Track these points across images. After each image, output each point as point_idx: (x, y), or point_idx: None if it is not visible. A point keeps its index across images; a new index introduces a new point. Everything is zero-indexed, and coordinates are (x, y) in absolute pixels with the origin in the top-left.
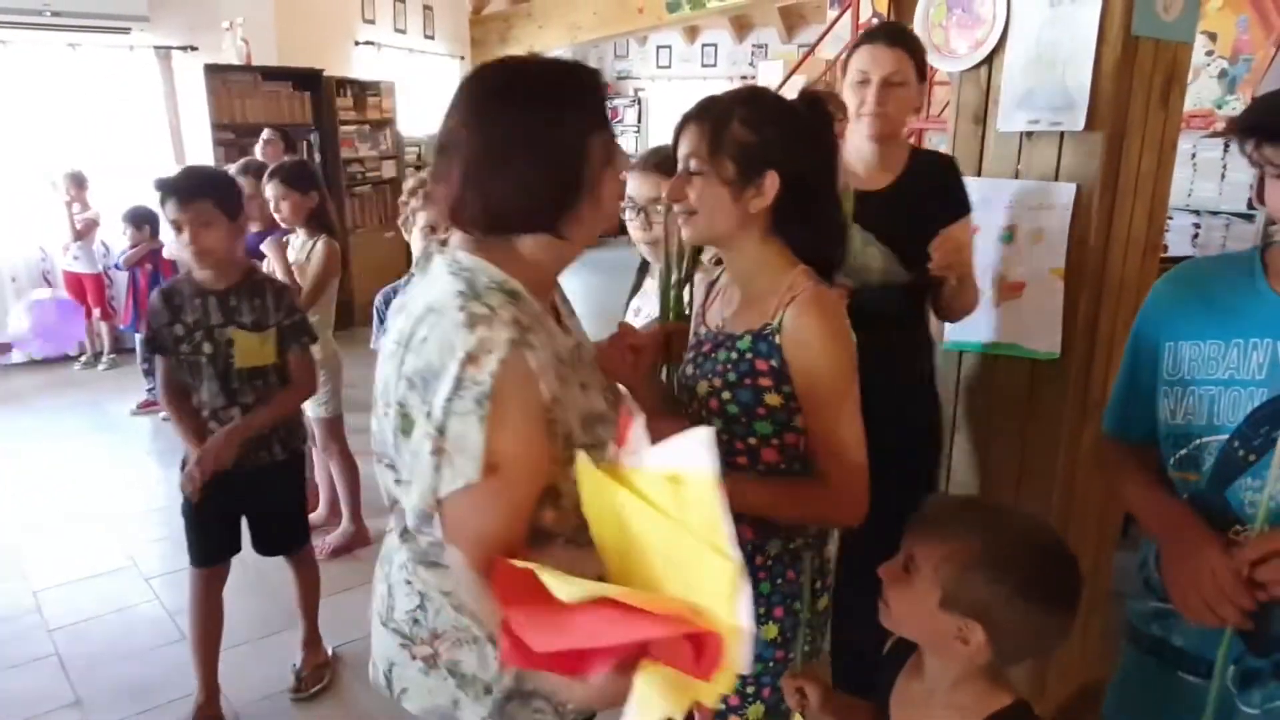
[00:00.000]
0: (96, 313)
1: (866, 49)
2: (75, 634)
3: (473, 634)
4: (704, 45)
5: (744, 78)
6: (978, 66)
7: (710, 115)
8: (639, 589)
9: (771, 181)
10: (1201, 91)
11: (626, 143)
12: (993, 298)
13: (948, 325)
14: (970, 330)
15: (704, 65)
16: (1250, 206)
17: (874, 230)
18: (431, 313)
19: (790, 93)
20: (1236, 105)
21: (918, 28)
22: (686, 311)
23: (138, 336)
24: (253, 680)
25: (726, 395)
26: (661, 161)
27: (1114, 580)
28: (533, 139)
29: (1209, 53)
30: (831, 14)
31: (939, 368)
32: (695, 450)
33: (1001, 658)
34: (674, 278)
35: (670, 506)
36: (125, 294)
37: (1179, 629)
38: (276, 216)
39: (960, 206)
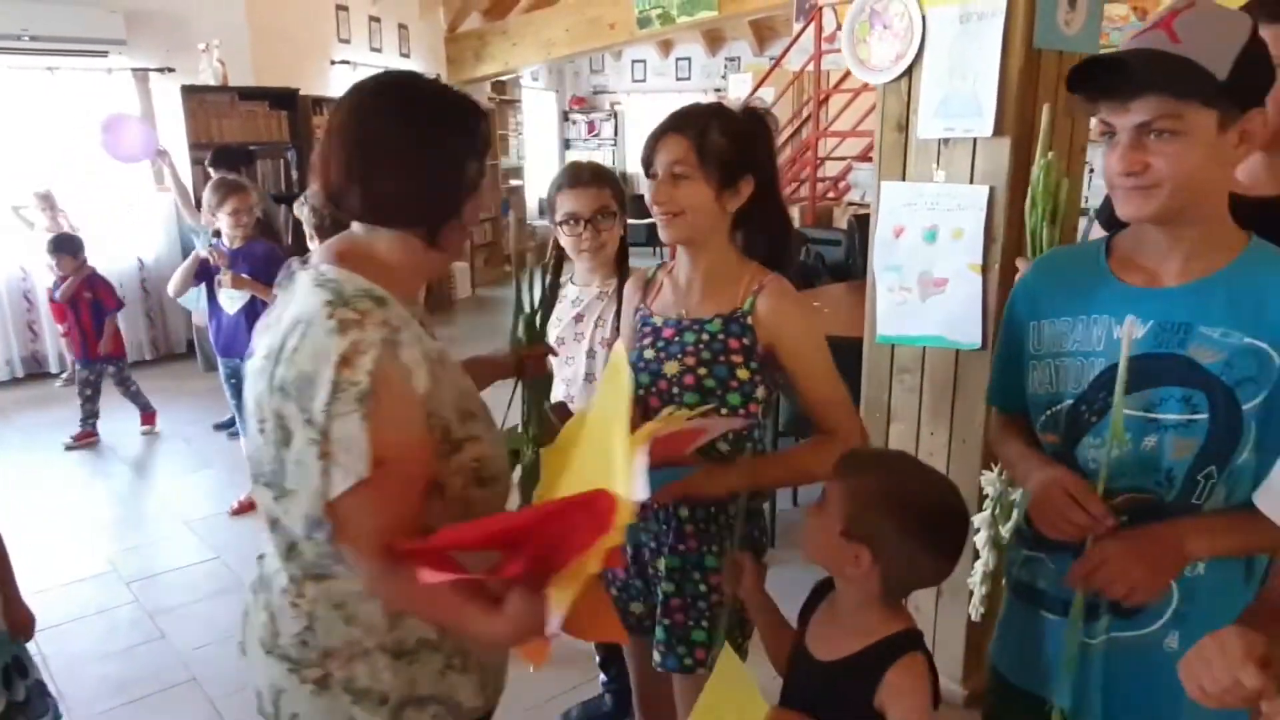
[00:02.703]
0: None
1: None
2: (58, 635)
3: (363, 646)
4: (678, 59)
5: (717, 90)
6: (899, 78)
7: (692, 127)
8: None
9: (747, 184)
10: None
11: (604, 156)
12: (918, 293)
13: (880, 319)
14: (901, 324)
15: (678, 79)
16: None
17: None
18: (300, 323)
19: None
20: None
21: (844, 42)
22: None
23: (78, 366)
24: (228, 673)
25: (703, 371)
26: (594, 176)
27: None
28: (426, 140)
29: None
30: (797, 27)
31: (873, 360)
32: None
33: (888, 585)
34: (530, 306)
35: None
36: (72, 327)
37: (1041, 573)
38: None
39: None
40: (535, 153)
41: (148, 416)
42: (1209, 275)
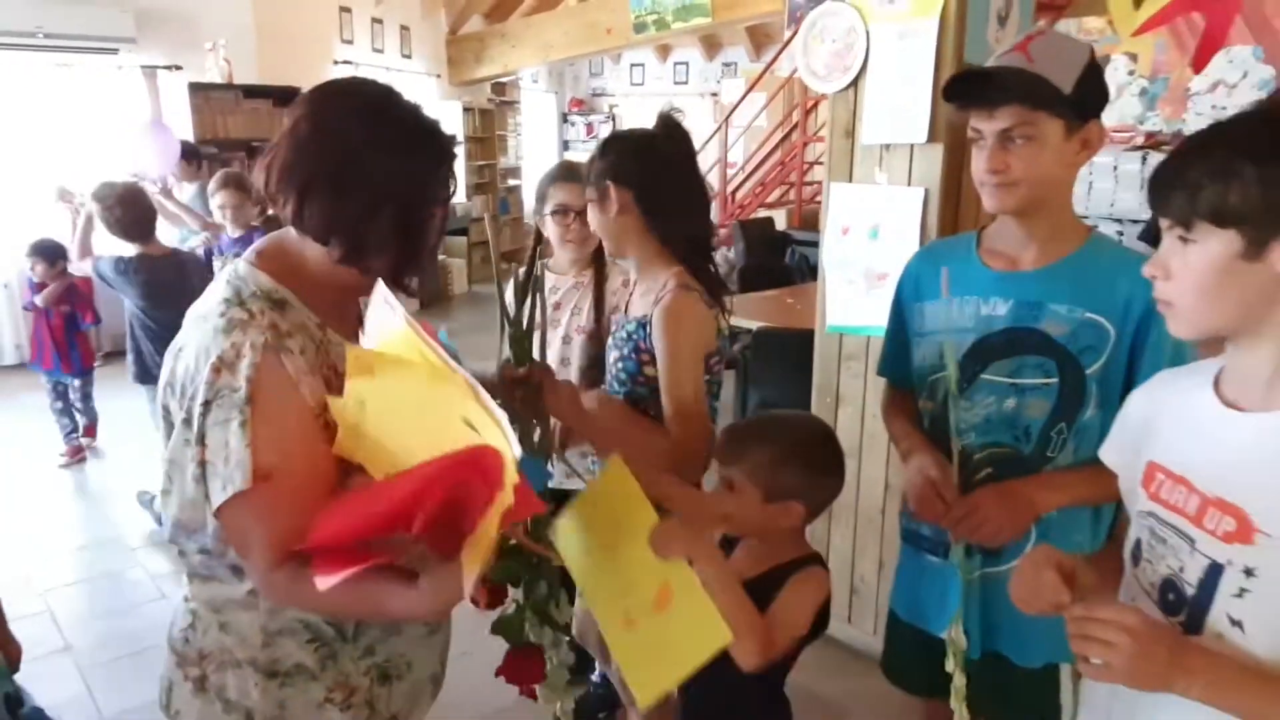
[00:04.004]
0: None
1: None
2: (68, 595)
3: (234, 657)
4: (675, 63)
5: (713, 94)
6: (847, 88)
7: (590, 161)
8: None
9: (614, 192)
10: (1125, 108)
11: None
12: (863, 286)
13: (829, 311)
14: (848, 315)
15: (676, 83)
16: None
17: None
18: (197, 319)
19: (752, 106)
20: (1156, 120)
21: (798, 54)
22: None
23: (43, 376)
24: None
25: (620, 364)
26: (575, 169)
27: None
28: (409, 197)
29: (1130, 72)
30: (788, 34)
31: (823, 348)
32: (382, 310)
33: (809, 517)
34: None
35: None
36: (41, 336)
37: (924, 522)
38: None
39: None
40: (533, 153)
41: (89, 429)
42: (1058, 261)
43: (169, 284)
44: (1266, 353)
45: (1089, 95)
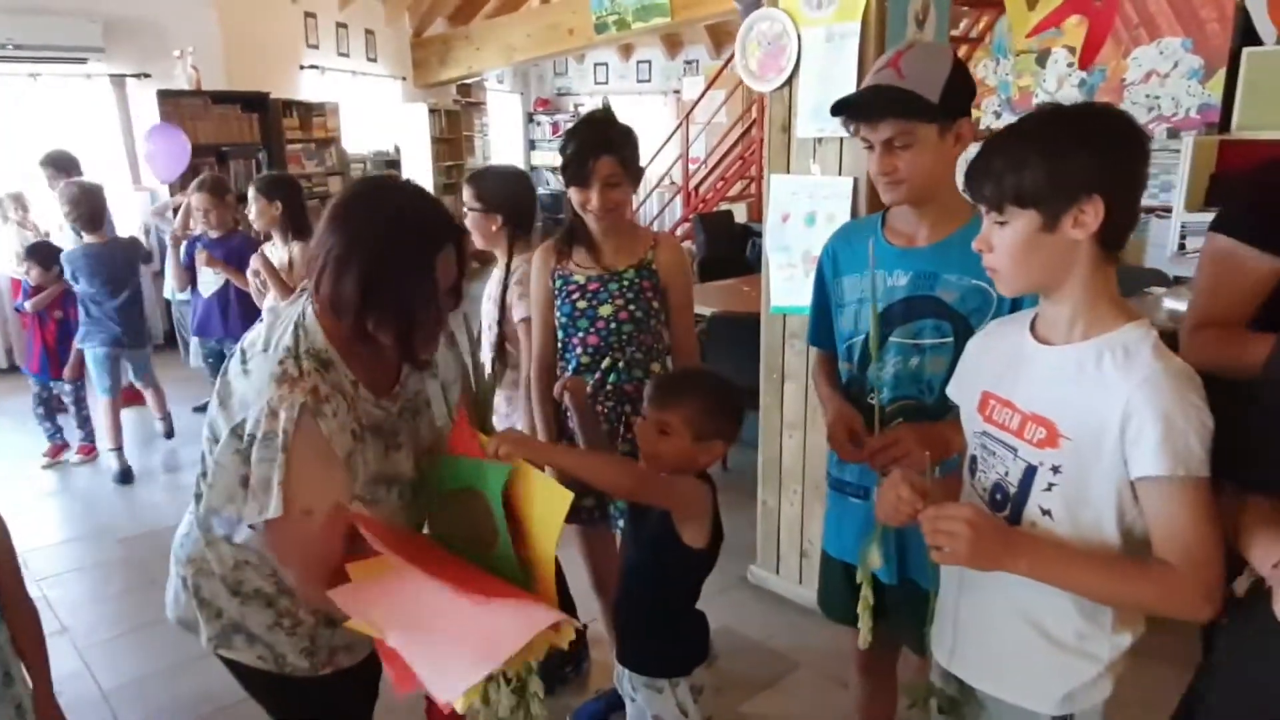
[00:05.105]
0: None
1: None
2: (60, 583)
3: (211, 569)
4: (638, 62)
5: (676, 91)
6: (782, 87)
7: (619, 149)
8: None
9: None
10: (1065, 98)
11: None
12: (803, 269)
13: (773, 293)
14: (790, 296)
15: (639, 81)
16: None
17: None
18: (265, 353)
19: (713, 103)
20: None
21: (737, 56)
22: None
23: (31, 378)
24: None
25: (632, 308)
26: (472, 175)
27: None
28: (398, 285)
29: (1070, 64)
30: None
31: (768, 328)
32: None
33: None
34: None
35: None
36: (33, 341)
37: (847, 469)
38: (257, 224)
39: None
40: (500, 153)
41: (85, 447)
42: (947, 237)
43: (107, 266)
44: (1067, 301)
45: (955, 98)
